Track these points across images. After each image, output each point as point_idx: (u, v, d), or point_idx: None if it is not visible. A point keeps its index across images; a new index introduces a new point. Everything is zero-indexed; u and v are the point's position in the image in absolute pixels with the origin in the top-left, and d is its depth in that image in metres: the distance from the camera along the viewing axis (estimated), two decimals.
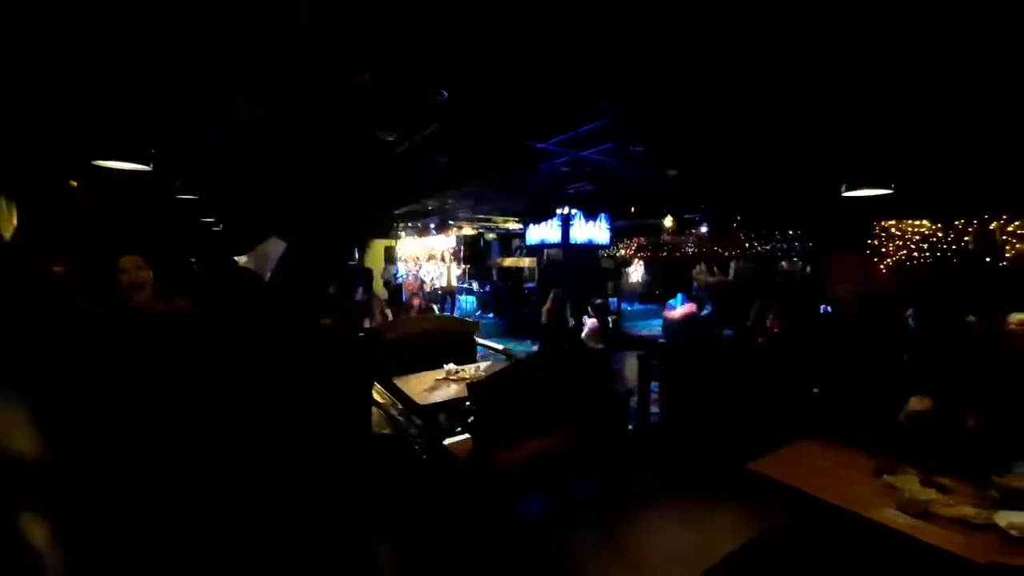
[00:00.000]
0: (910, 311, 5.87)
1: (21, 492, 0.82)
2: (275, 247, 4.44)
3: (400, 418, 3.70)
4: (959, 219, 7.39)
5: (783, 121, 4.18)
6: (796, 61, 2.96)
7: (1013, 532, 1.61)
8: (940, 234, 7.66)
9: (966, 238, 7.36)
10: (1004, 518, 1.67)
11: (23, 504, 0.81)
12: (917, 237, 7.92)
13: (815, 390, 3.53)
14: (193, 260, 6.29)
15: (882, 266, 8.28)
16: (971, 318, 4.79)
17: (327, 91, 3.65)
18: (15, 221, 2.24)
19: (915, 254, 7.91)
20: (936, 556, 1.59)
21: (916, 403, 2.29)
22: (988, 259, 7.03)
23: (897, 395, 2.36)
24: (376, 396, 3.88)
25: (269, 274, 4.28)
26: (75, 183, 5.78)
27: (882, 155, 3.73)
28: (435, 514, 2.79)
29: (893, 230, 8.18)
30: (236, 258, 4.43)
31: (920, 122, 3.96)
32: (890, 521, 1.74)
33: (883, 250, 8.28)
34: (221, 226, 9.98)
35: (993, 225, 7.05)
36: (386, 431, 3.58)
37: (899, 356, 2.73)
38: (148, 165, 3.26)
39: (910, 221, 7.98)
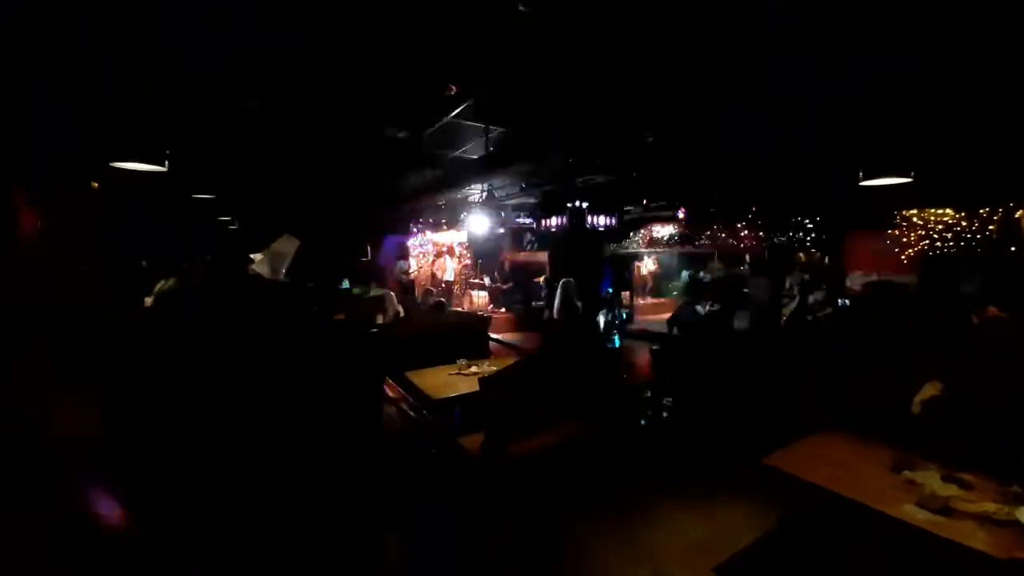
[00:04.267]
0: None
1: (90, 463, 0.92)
2: (289, 245, 4.50)
3: (412, 413, 3.74)
4: (983, 207, 7.17)
5: (800, 107, 4.09)
6: (812, 50, 2.90)
7: None
8: (964, 223, 7.44)
9: (990, 227, 7.14)
10: None
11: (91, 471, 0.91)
12: (940, 226, 7.71)
13: (827, 383, 3.47)
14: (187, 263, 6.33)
15: (904, 256, 8.08)
16: (993, 309, 4.65)
17: (338, 87, 3.67)
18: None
19: (938, 243, 7.70)
20: (956, 552, 1.56)
21: (929, 389, 2.25)
22: (1013, 248, 6.82)
23: (914, 386, 2.32)
24: (389, 391, 3.92)
25: (284, 271, 4.34)
26: (96, 184, 5.91)
27: (902, 142, 3.64)
28: (446, 506, 2.82)
29: (915, 219, 7.97)
30: (251, 255, 4.50)
31: (943, 108, 3.85)
32: (909, 517, 1.71)
33: (905, 240, 8.08)
34: (237, 224, 10.14)
35: (1019, 213, 6.84)
36: (398, 425, 3.62)
37: (916, 347, 2.67)
38: (164, 166, 3.32)
39: (933, 210, 7.77)
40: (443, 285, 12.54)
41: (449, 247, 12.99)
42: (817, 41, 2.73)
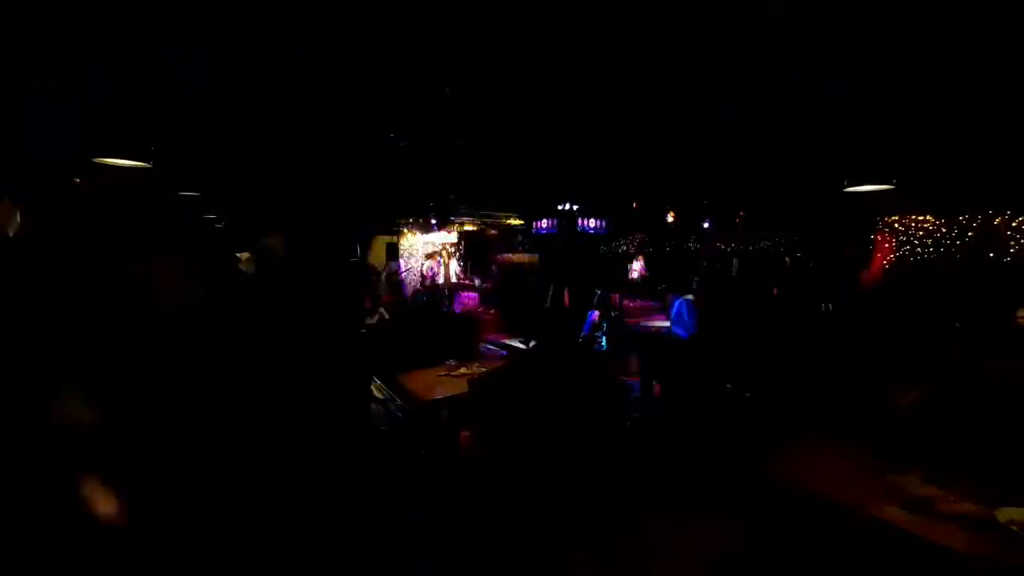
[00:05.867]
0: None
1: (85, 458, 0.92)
2: (278, 244, 4.43)
3: (400, 414, 3.71)
4: (963, 215, 7.35)
5: (786, 115, 4.16)
6: (795, 55, 2.94)
7: (1014, 528, 1.61)
8: (944, 229, 7.62)
9: (969, 234, 7.32)
10: (1005, 514, 1.67)
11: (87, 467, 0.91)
12: (921, 233, 7.88)
13: (816, 386, 3.52)
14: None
15: (885, 261, 8.25)
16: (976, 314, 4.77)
17: (328, 85, 3.64)
18: (19, 219, 2.26)
19: (918, 250, 7.88)
20: (937, 553, 1.59)
21: (912, 392, 2.31)
22: (992, 255, 6.99)
23: (898, 390, 2.36)
24: (376, 392, 3.89)
25: (272, 271, 4.27)
26: (79, 180, 5.78)
27: (884, 149, 3.72)
28: (433, 508, 2.81)
29: (897, 225, 8.14)
30: (238, 255, 4.42)
31: (923, 118, 3.93)
32: (892, 518, 1.74)
33: (886, 245, 8.25)
34: (223, 223, 9.98)
35: (997, 221, 7.01)
36: (385, 427, 3.59)
37: (901, 351, 2.73)
38: (149, 162, 3.26)
39: (913, 216, 7.94)
40: (433, 286, 12.48)
41: (439, 248, 12.94)
42: (815, 41, 2.76)
